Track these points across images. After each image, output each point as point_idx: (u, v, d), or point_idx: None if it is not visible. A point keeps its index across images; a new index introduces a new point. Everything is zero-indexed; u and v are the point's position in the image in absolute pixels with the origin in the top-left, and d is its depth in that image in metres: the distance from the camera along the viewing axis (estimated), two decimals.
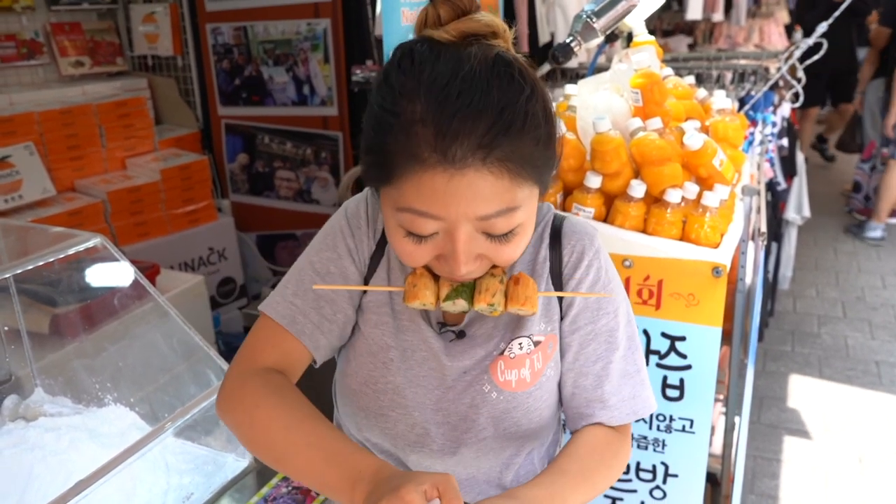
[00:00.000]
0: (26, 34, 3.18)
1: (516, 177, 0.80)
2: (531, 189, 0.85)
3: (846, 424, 3.14)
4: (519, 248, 0.87)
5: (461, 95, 0.77)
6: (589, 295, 0.97)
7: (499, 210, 0.81)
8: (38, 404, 1.53)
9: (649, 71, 1.68)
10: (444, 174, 0.78)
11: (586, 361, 0.99)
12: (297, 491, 1.28)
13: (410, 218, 0.82)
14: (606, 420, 1.01)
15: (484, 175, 0.78)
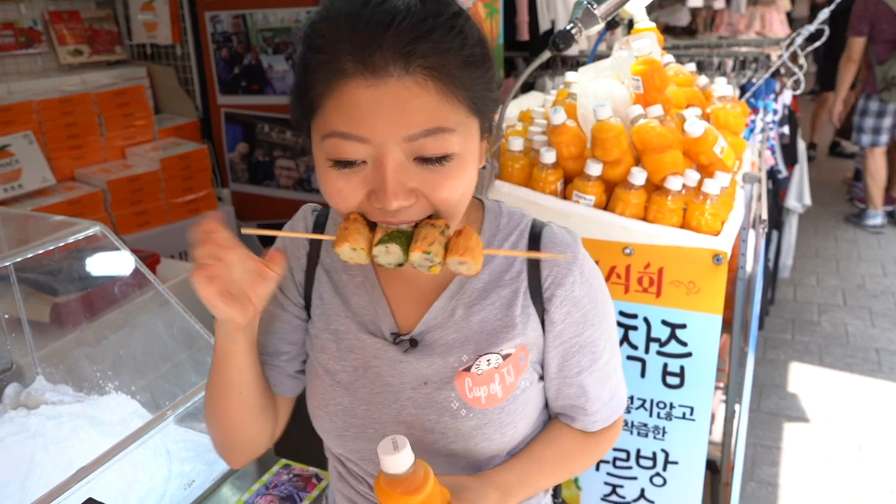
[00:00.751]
0: (24, 23, 3.16)
1: (445, 94, 0.76)
2: (467, 117, 0.79)
3: (846, 412, 3.14)
4: (457, 185, 0.80)
5: (383, 3, 0.75)
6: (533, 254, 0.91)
7: (427, 128, 0.75)
8: (40, 392, 1.53)
9: (650, 58, 1.68)
10: (365, 86, 0.74)
11: (569, 373, 0.97)
12: (298, 478, 1.28)
13: (335, 143, 0.77)
14: (589, 426, 1.02)
15: (408, 85, 0.74)
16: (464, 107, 0.79)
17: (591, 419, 1.00)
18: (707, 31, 6.09)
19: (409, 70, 0.74)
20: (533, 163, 1.68)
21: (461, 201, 0.83)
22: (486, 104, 0.83)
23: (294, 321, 1.01)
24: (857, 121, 4.93)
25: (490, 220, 0.96)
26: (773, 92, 3.04)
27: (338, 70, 0.75)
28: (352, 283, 0.97)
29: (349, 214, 0.82)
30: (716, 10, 5.83)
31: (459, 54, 0.77)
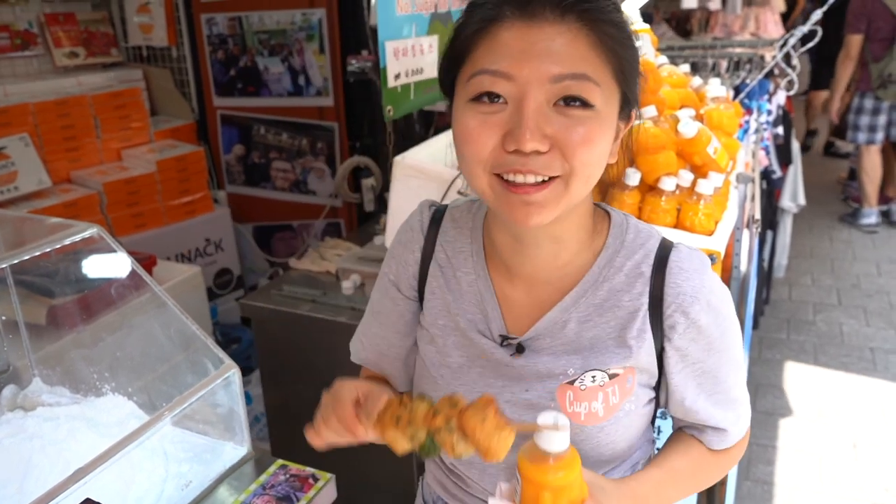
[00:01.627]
0: (20, 25, 3.16)
1: (595, 46, 0.78)
2: (611, 80, 0.80)
3: (841, 410, 3.16)
4: (591, 141, 0.78)
5: None
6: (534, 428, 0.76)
7: (574, 72, 0.76)
8: (37, 394, 1.54)
9: (644, 59, 1.69)
10: (519, 27, 0.77)
11: (695, 398, 0.96)
12: (295, 478, 1.29)
13: (480, 80, 0.79)
14: (716, 444, 1.01)
15: (561, 31, 0.76)
16: (610, 67, 0.79)
17: (717, 438, 1.00)
18: (702, 32, 6.11)
19: (564, 17, 0.77)
20: None
21: (592, 166, 0.81)
22: (630, 75, 0.82)
23: (407, 314, 1.04)
24: (852, 119, 4.95)
25: (615, 235, 0.94)
26: (767, 93, 3.06)
27: (495, 17, 0.78)
28: (465, 281, 0.98)
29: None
30: (711, 11, 5.85)
31: (613, 14, 0.79)
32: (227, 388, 1.37)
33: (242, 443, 1.40)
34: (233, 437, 1.40)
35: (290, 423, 2.22)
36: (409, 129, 3.02)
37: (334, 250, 2.38)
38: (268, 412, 2.30)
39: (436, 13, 2.14)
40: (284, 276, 2.32)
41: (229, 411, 1.39)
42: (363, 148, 3.24)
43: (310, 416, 0.98)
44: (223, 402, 1.38)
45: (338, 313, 2.01)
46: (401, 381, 1.10)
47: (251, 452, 1.40)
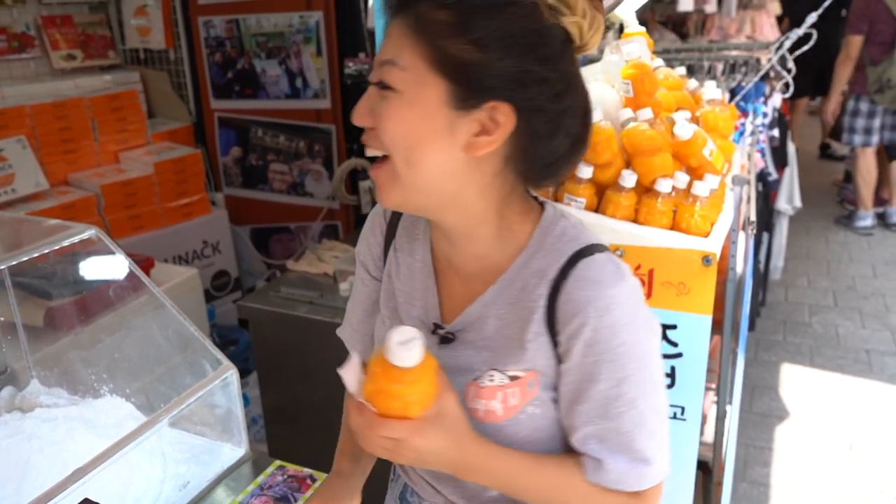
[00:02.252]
0: (17, 27, 3.16)
1: (411, 35, 0.82)
2: (423, 71, 0.81)
3: (837, 412, 3.17)
4: (393, 120, 0.83)
5: None
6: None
7: (385, 59, 0.84)
8: (35, 395, 1.54)
9: (640, 62, 1.69)
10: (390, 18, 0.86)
11: (577, 421, 0.90)
12: (293, 479, 1.29)
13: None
14: (600, 480, 0.91)
15: (397, 23, 0.84)
16: (425, 55, 0.82)
17: (593, 467, 0.90)
18: (698, 34, 6.13)
19: (399, 12, 0.84)
20: None
21: (403, 147, 0.84)
22: (461, 67, 0.81)
23: (374, 294, 1.09)
24: (847, 121, 4.96)
25: (539, 235, 0.92)
26: (763, 95, 3.07)
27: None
28: (415, 267, 1.01)
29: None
30: (707, 14, 5.87)
31: (436, 10, 0.81)
32: (225, 390, 1.37)
33: (240, 444, 1.40)
34: (231, 438, 1.41)
35: (288, 424, 2.22)
36: None
37: (332, 252, 2.39)
38: (265, 414, 2.30)
39: None
40: (282, 278, 2.32)
41: (227, 412, 1.39)
42: (360, 150, 3.24)
43: (307, 417, 0.99)
44: (221, 403, 1.39)
45: (335, 315, 2.02)
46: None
47: (249, 453, 1.40)
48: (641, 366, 0.88)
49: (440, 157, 0.84)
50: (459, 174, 0.85)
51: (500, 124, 0.83)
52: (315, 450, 1.98)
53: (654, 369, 0.90)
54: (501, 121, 0.83)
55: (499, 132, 0.83)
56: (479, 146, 0.84)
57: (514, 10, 0.81)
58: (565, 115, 0.86)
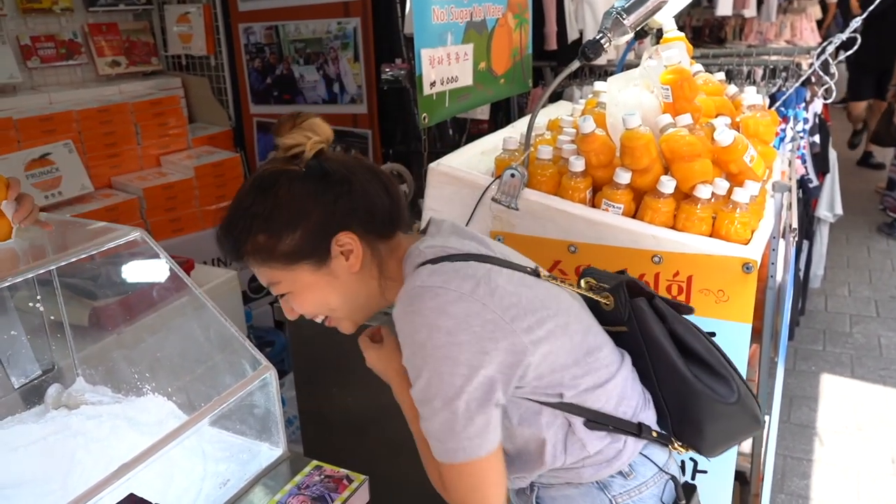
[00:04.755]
0: (65, 35, 3.25)
1: (260, 263, 1.11)
2: (289, 272, 1.10)
3: (879, 425, 3.09)
4: (303, 307, 1.15)
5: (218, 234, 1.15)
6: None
7: (266, 283, 1.14)
8: (80, 393, 1.58)
9: (679, 67, 1.68)
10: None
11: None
12: (330, 479, 1.30)
13: None
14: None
15: (251, 264, 1.12)
16: (280, 266, 1.10)
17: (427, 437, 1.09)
18: (736, 39, 6.05)
19: (242, 257, 1.12)
20: (562, 171, 1.69)
21: (323, 308, 1.16)
22: (300, 251, 1.09)
23: None
24: None
25: (404, 268, 1.14)
26: (804, 101, 3.02)
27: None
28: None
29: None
30: (745, 18, 5.79)
31: (258, 238, 1.09)
32: (263, 390, 1.39)
33: (278, 444, 1.42)
34: (269, 437, 1.43)
35: (323, 426, 2.24)
36: (442, 135, 3.04)
37: None
38: (301, 415, 2.32)
39: (471, 22, 2.16)
40: None
41: (266, 412, 1.41)
42: (396, 155, 3.27)
43: (342, 419, 1.03)
44: (260, 403, 1.41)
45: (372, 318, 2.03)
46: None
47: (287, 453, 1.42)
48: (416, 353, 1.04)
49: (343, 293, 1.14)
50: (358, 285, 1.14)
51: (348, 243, 1.10)
52: (350, 451, 2.00)
53: (434, 361, 1.02)
54: (346, 242, 1.10)
55: (355, 247, 1.10)
56: (353, 265, 1.11)
57: (281, 192, 1.09)
58: (366, 195, 1.12)
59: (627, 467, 1.14)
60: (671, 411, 1.21)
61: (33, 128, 2.87)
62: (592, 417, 1.12)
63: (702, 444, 1.22)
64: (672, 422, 1.21)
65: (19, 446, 1.36)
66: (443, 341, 1.00)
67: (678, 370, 1.18)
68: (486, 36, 2.26)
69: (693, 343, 1.21)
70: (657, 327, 1.20)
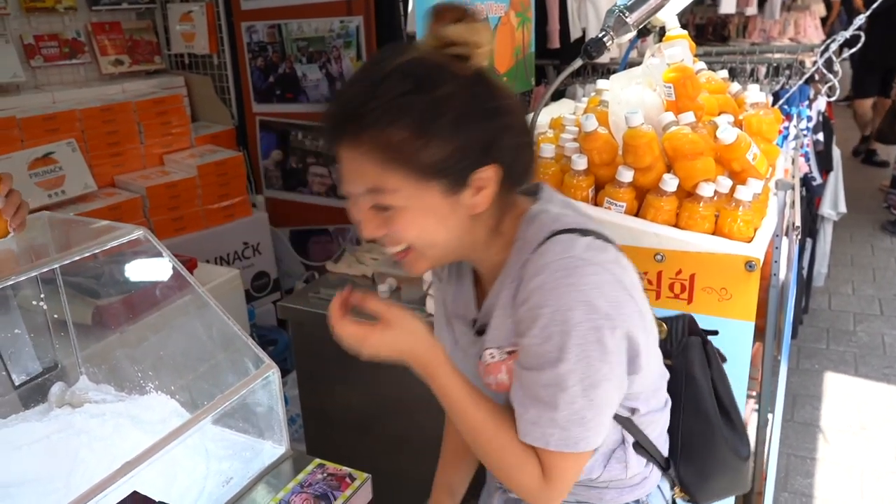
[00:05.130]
0: (68, 34, 3.25)
1: (384, 161, 0.90)
2: (409, 183, 0.91)
3: (883, 423, 3.09)
4: (405, 231, 0.95)
5: (340, 94, 0.96)
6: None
7: (368, 188, 0.93)
8: (83, 391, 1.58)
9: (682, 65, 1.68)
10: (339, 153, 0.94)
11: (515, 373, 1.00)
12: (332, 477, 1.31)
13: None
14: (521, 434, 0.99)
15: (354, 156, 0.92)
16: (402, 170, 0.91)
17: (518, 423, 0.99)
18: (740, 37, 6.04)
19: (355, 141, 0.91)
20: (564, 169, 1.69)
21: (423, 237, 0.96)
22: (434, 167, 0.91)
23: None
24: None
25: (521, 231, 1.02)
26: (807, 98, 3.02)
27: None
28: (462, 274, 1.15)
29: None
30: (748, 16, 5.78)
31: (390, 127, 0.89)
32: (266, 388, 1.39)
33: (281, 442, 1.42)
34: (272, 436, 1.43)
35: (327, 424, 2.25)
36: None
37: (370, 254, 2.41)
38: (304, 413, 2.33)
39: None
40: (321, 280, 2.35)
41: (269, 411, 1.41)
42: None
43: (345, 417, 1.03)
44: (263, 401, 1.41)
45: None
46: None
47: (290, 451, 1.42)
48: (566, 331, 0.92)
49: (452, 229, 0.97)
50: (468, 228, 0.99)
51: (488, 180, 0.95)
52: (353, 449, 2.00)
53: (586, 344, 0.92)
54: (488, 177, 0.95)
55: (490, 186, 0.96)
56: (479, 205, 0.97)
57: (448, 92, 0.90)
58: (522, 135, 1.00)
59: (645, 497, 1.14)
60: (683, 454, 1.19)
61: (36, 127, 2.87)
62: (642, 441, 1.11)
63: (700, 493, 1.21)
64: (680, 464, 1.19)
65: (23, 444, 1.37)
66: (599, 324, 0.91)
67: (709, 416, 1.18)
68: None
69: (724, 393, 1.23)
70: (700, 370, 1.19)
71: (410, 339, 0.99)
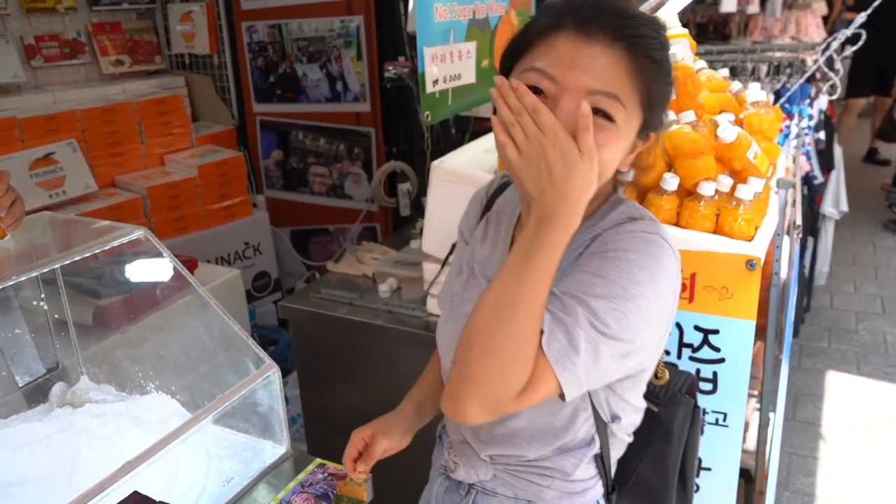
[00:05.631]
0: (68, 34, 3.26)
1: (631, 74, 0.91)
2: (636, 104, 0.93)
3: (885, 422, 3.09)
4: (605, 148, 0.91)
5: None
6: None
7: (608, 91, 0.90)
8: (84, 391, 1.59)
9: (683, 64, 1.68)
10: (575, 40, 0.91)
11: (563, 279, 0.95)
12: (333, 477, 1.31)
13: (530, 75, 0.92)
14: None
15: (607, 53, 0.90)
16: (639, 94, 0.93)
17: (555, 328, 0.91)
18: (741, 36, 6.03)
19: (613, 43, 0.91)
20: None
21: (604, 166, 0.92)
22: (656, 106, 0.96)
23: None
24: None
25: (604, 209, 1.04)
26: (809, 97, 3.01)
27: (558, 25, 0.93)
28: (498, 236, 1.15)
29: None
30: (749, 14, 5.77)
31: (657, 52, 0.93)
32: (267, 388, 1.40)
33: (282, 442, 1.42)
34: (272, 435, 1.43)
35: (327, 424, 2.25)
36: (445, 134, 3.04)
37: (371, 254, 2.41)
38: (305, 413, 2.33)
39: (474, 19, 2.16)
40: (322, 280, 2.35)
41: (269, 410, 1.41)
42: (399, 153, 3.27)
43: (346, 417, 1.01)
44: (263, 401, 1.41)
45: (375, 316, 2.03)
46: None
47: (290, 451, 1.42)
48: (628, 282, 0.91)
49: (613, 170, 0.98)
50: (610, 179, 1.02)
51: (647, 145, 1.01)
52: None
53: (642, 303, 0.91)
54: (650, 144, 1.01)
55: (641, 151, 1.01)
56: (626, 163, 1.00)
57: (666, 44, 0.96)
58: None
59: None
60: (629, 494, 1.18)
61: (37, 127, 2.87)
62: (604, 453, 1.10)
63: None
64: (620, 502, 1.17)
65: (24, 444, 1.37)
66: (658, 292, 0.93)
67: (668, 474, 1.18)
68: (488, 33, 2.26)
69: (689, 462, 1.24)
70: (680, 429, 1.18)
71: (582, 183, 0.86)
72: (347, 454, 1.19)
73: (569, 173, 0.85)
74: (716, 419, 1.64)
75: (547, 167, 0.84)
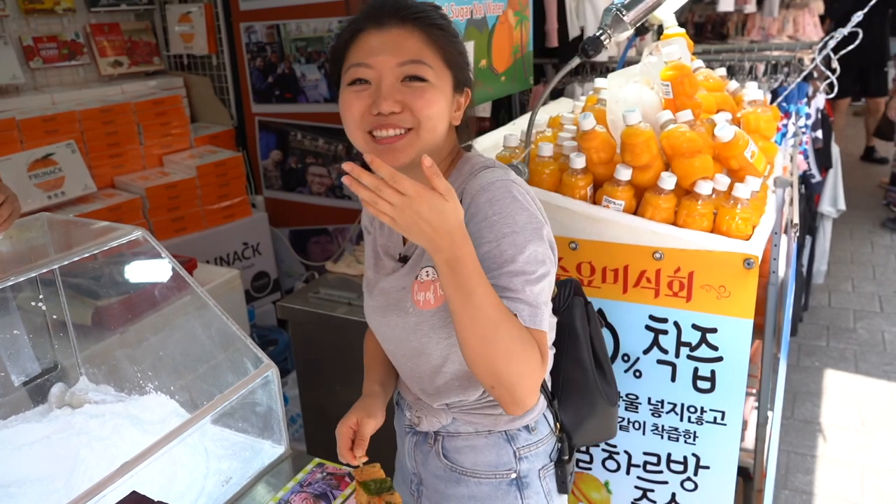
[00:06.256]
0: (67, 35, 3.26)
1: (426, 41, 1.12)
2: (441, 65, 1.13)
3: (883, 420, 3.09)
4: (429, 103, 1.11)
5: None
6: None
7: (412, 59, 1.11)
8: (83, 392, 1.59)
9: (680, 63, 1.68)
10: (373, 34, 1.12)
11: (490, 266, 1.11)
12: (332, 477, 1.31)
13: (353, 71, 1.13)
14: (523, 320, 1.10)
15: (402, 33, 1.12)
16: (439, 55, 1.14)
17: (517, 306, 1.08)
18: (738, 35, 6.04)
19: (403, 23, 1.12)
20: (563, 168, 1.69)
21: (433, 119, 1.12)
22: (457, 63, 1.17)
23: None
24: None
25: (458, 166, 1.21)
26: (806, 96, 3.02)
27: (359, 28, 1.14)
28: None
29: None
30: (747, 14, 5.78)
31: (439, 20, 1.16)
32: (265, 388, 1.40)
33: (280, 441, 1.42)
34: (271, 435, 1.43)
35: (326, 424, 2.25)
36: None
37: None
38: (304, 413, 2.33)
39: (471, 19, 2.16)
40: (321, 280, 2.35)
41: (268, 410, 1.42)
42: None
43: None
44: (262, 401, 1.41)
45: None
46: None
47: (289, 451, 1.42)
48: (518, 229, 1.09)
49: (445, 126, 1.16)
50: (446, 134, 1.18)
51: (467, 100, 1.22)
52: None
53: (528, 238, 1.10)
54: (467, 97, 1.22)
55: (463, 108, 1.21)
56: (457, 118, 1.20)
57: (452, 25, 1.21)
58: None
59: (534, 423, 1.28)
60: (562, 396, 1.36)
61: (36, 128, 2.87)
62: None
63: (576, 433, 1.37)
64: (559, 406, 1.36)
65: (23, 445, 1.37)
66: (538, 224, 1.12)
67: (586, 365, 1.37)
68: (486, 33, 2.26)
69: (600, 348, 1.42)
70: (581, 325, 1.38)
71: (457, 218, 1.00)
72: (342, 446, 1.24)
73: (443, 216, 0.97)
74: (714, 417, 1.65)
75: (426, 222, 0.97)
